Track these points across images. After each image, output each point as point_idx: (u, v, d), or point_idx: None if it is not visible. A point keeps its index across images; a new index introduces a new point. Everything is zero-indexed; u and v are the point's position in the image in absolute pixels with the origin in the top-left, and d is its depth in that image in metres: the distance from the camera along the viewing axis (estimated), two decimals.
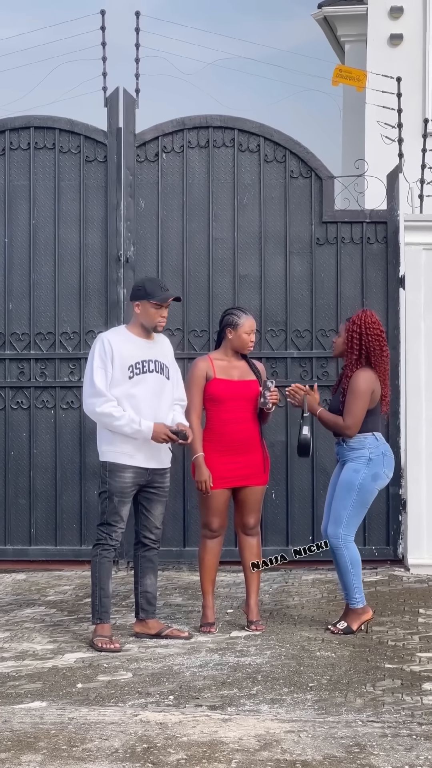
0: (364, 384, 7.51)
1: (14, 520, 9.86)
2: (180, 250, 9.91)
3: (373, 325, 7.56)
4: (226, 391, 7.69)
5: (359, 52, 15.71)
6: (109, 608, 7.39)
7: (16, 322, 9.93)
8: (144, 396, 7.31)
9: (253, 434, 7.73)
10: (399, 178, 9.84)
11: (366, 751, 5.37)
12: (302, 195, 9.92)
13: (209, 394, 7.71)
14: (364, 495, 7.56)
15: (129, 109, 9.92)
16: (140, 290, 7.39)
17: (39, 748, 5.46)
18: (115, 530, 7.35)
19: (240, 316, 7.76)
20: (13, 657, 7.12)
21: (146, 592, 7.50)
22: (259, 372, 7.84)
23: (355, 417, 7.51)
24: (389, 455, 7.67)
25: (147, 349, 7.41)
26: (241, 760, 5.27)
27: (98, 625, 7.34)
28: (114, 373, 7.25)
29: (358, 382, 7.51)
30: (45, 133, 10.00)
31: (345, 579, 7.57)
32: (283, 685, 6.41)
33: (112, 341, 7.31)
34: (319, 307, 9.87)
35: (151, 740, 5.54)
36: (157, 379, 7.40)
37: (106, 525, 7.35)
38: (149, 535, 7.49)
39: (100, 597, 7.35)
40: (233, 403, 7.70)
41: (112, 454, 7.33)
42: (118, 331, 7.53)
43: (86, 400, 7.33)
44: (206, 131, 9.96)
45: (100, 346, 7.31)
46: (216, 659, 6.97)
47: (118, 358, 7.27)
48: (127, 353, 7.31)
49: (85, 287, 9.89)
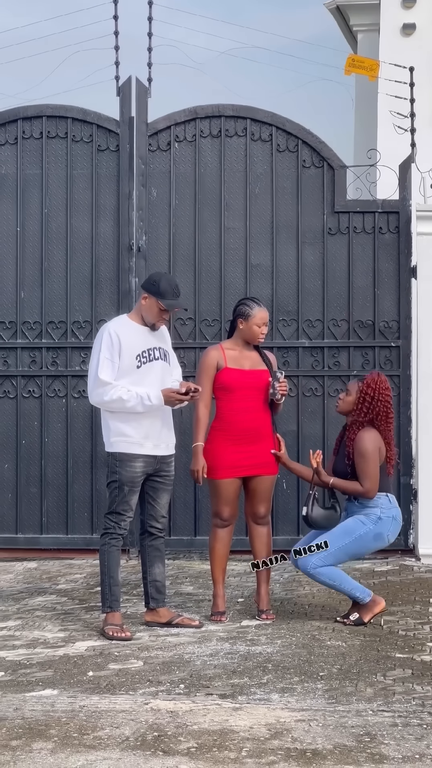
0: (372, 444, 7.47)
1: (26, 508, 9.88)
2: (192, 240, 9.91)
3: (385, 391, 7.56)
4: (236, 380, 7.70)
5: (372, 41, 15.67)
6: (119, 597, 7.40)
7: (28, 310, 9.94)
8: (152, 383, 7.33)
9: (263, 424, 7.73)
10: (411, 168, 9.83)
11: (376, 740, 5.38)
12: (314, 185, 9.91)
13: (220, 383, 7.72)
14: (358, 546, 7.49)
15: (141, 98, 9.91)
16: (154, 286, 7.35)
17: (50, 735, 5.48)
18: (124, 519, 7.37)
19: (252, 307, 7.75)
20: (24, 645, 7.14)
21: (155, 581, 7.51)
22: (270, 362, 7.84)
23: (372, 479, 7.48)
24: (398, 520, 7.61)
25: (151, 337, 7.43)
26: (252, 748, 5.28)
27: (108, 614, 7.35)
28: (122, 364, 7.27)
29: (366, 443, 7.47)
30: (57, 122, 10.00)
31: (338, 590, 7.57)
32: (293, 674, 6.41)
33: (119, 332, 7.31)
34: (331, 297, 9.87)
35: (161, 728, 5.55)
36: (162, 366, 7.44)
37: (116, 514, 7.36)
38: (156, 524, 7.50)
39: (110, 585, 7.35)
40: (244, 392, 7.70)
41: (122, 444, 7.34)
42: (122, 322, 7.50)
43: (93, 391, 7.34)
44: (218, 120, 9.95)
45: (107, 337, 7.31)
46: (227, 648, 6.98)
47: (126, 348, 7.28)
48: (134, 343, 7.33)
49: (97, 276, 9.90)
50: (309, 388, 9.79)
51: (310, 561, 7.45)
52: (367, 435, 7.50)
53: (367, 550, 7.58)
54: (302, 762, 5.11)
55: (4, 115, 10.04)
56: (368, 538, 7.49)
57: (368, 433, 7.50)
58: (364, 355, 9.80)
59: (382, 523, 7.50)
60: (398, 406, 9.75)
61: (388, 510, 7.54)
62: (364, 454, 7.47)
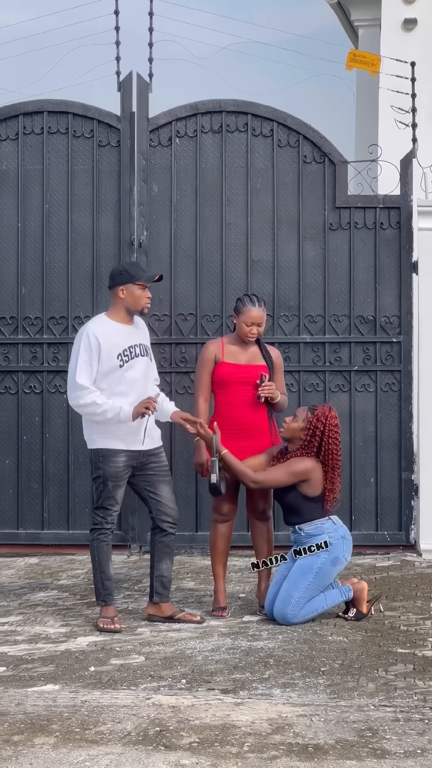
0: (302, 469, 7.42)
1: (27, 504, 9.88)
2: (193, 235, 9.91)
3: (335, 428, 7.49)
4: (231, 375, 7.70)
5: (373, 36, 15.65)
6: (111, 590, 7.47)
7: (29, 306, 9.94)
8: (135, 380, 7.39)
9: (260, 419, 7.72)
10: (412, 163, 9.82)
11: (378, 735, 5.38)
12: (315, 180, 9.90)
13: (215, 378, 7.74)
14: (321, 578, 7.42)
15: (142, 93, 9.90)
16: (123, 274, 7.43)
17: (52, 730, 5.48)
18: (111, 513, 7.41)
19: (245, 304, 7.75)
20: (26, 640, 7.14)
21: (162, 576, 7.51)
22: (271, 358, 7.83)
23: (267, 481, 7.47)
24: (348, 538, 7.56)
25: (131, 335, 7.46)
26: (254, 743, 5.28)
27: (103, 607, 7.44)
28: (101, 366, 7.30)
29: (299, 464, 7.43)
30: (58, 118, 9.99)
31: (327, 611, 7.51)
32: (295, 670, 6.42)
33: (98, 334, 7.33)
34: (332, 293, 9.86)
35: (163, 723, 5.56)
36: (144, 363, 7.48)
37: (102, 509, 7.41)
38: (167, 518, 7.49)
39: (101, 580, 7.43)
40: (239, 387, 7.69)
41: (104, 440, 7.39)
42: (100, 321, 7.49)
43: (70, 393, 7.40)
44: (219, 116, 9.94)
45: (86, 340, 7.33)
46: (228, 643, 6.98)
47: (105, 349, 7.31)
48: (114, 343, 7.35)
49: (98, 272, 9.89)
50: (310, 383, 9.79)
51: (287, 613, 7.33)
52: (307, 461, 7.44)
53: (331, 577, 7.50)
54: (304, 757, 5.12)
55: (5, 110, 10.04)
56: (327, 566, 7.43)
57: (309, 461, 7.44)
58: (365, 350, 9.80)
59: (334, 547, 7.45)
60: (399, 401, 9.76)
61: (335, 532, 7.50)
62: (290, 466, 7.43)
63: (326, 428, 7.47)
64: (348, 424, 9.60)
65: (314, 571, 7.39)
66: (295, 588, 7.36)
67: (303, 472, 7.42)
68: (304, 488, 7.46)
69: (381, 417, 9.78)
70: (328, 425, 7.47)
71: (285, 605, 7.35)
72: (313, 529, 7.48)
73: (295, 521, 7.53)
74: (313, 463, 7.45)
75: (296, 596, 7.34)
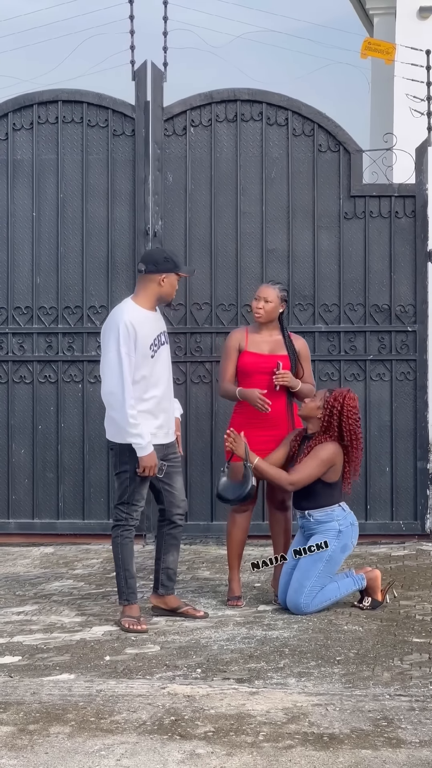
0: (330, 454, 7.42)
1: (42, 494, 9.89)
2: (208, 224, 9.90)
3: (353, 409, 7.48)
4: (252, 364, 7.70)
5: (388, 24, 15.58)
6: (135, 589, 7.28)
7: (44, 296, 9.94)
8: (163, 369, 7.26)
9: (280, 409, 7.71)
10: (428, 152, 9.79)
11: (393, 724, 5.38)
12: (330, 169, 9.88)
13: (239, 366, 7.73)
14: (331, 566, 7.42)
15: (157, 82, 9.89)
16: (168, 262, 7.18)
17: (67, 719, 5.49)
18: (137, 509, 7.25)
19: (259, 287, 7.84)
20: (41, 630, 7.15)
21: (168, 569, 7.45)
22: (295, 347, 7.80)
23: (303, 478, 7.42)
24: (355, 524, 7.56)
25: (158, 323, 7.30)
26: (269, 732, 5.29)
27: (126, 606, 7.25)
28: (137, 357, 7.07)
29: (326, 451, 7.42)
30: (73, 107, 9.99)
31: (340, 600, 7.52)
32: (310, 659, 6.42)
33: (135, 324, 7.07)
34: (347, 282, 9.84)
35: (178, 713, 5.56)
36: (167, 351, 7.35)
37: (128, 504, 7.23)
38: (178, 510, 7.41)
39: (125, 578, 7.24)
40: (260, 376, 7.68)
41: None
42: (133, 309, 7.18)
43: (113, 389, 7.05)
44: (234, 105, 9.92)
45: (124, 330, 7.02)
46: (243, 633, 6.98)
47: (141, 339, 7.10)
48: (148, 332, 7.15)
49: (112, 261, 9.89)
50: (325, 372, 9.78)
51: (301, 603, 7.34)
52: (331, 445, 7.43)
53: (339, 564, 7.51)
54: (319, 746, 5.12)
55: (20, 100, 10.04)
56: (337, 554, 7.43)
57: (334, 445, 7.44)
58: (380, 339, 9.78)
59: (344, 534, 7.45)
60: (414, 390, 9.74)
61: (344, 519, 7.49)
62: (317, 456, 7.41)
63: (343, 408, 7.45)
64: (363, 413, 9.58)
65: (324, 560, 7.38)
66: (306, 577, 7.36)
67: (330, 458, 7.41)
68: (326, 473, 7.45)
69: (396, 406, 9.76)
70: (345, 405, 7.45)
71: (298, 595, 7.35)
72: (323, 516, 7.47)
73: (307, 506, 7.52)
74: (337, 446, 7.45)
75: (308, 585, 7.34)
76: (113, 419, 7.18)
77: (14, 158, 10.00)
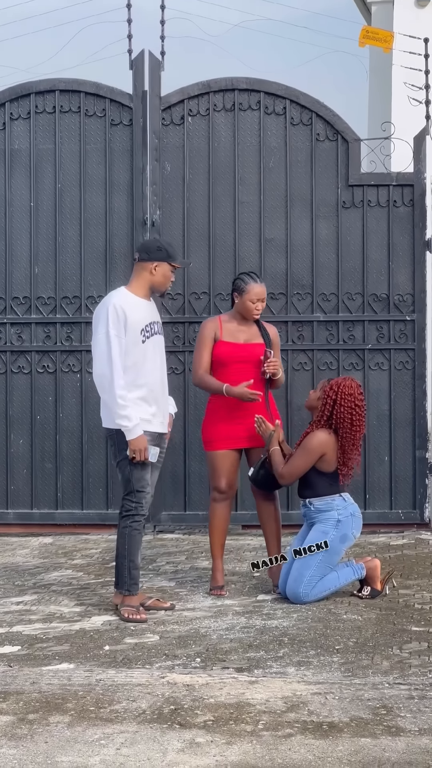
0: (317, 444, 7.40)
1: (41, 484, 9.89)
2: (206, 214, 9.89)
3: (349, 397, 7.44)
4: (229, 353, 7.66)
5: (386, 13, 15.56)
6: (137, 580, 7.23)
7: (42, 286, 9.94)
8: (154, 358, 7.21)
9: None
10: (426, 141, 9.79)
11: (393, 713, 5.39)
12: (328, 158, 9.87)
13: (214, 357, 7.68)
14: (330, 556, 7.40)
15: (154, 72, 9.87)
16: (161, 251, 7.17)
17: (67, 709, 5.50)
18: (145, 497, 7.17)
19: (247, 282, 7.70)
20: (40, 619, 7.16)
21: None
22: (269, 335, 7.79)
23: (292, 470, 7.44)
24: (357, 515, 7.55)
25: (151, 311, 7.26)
26: (268, 721, 5.29)
27: (127, 597, 7.20)
28: (127, 341, 7.04)
29: (312, 440, 7.41)
30: (70, 97, 9.97)
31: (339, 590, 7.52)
32: (309, 648, 6.42)
33: (124, 307, 7.07)
34: (346, 271, 9.84)
35: (178, 702, 5.57)
36: (161, 341, 7.31)
37: (135, 493, 7.14)
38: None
39: (129, 569, 7.18)
40: (237, 366, 7.65)
41: None
42: (123, 294, 7.19)
43: (103, 371, 7.04)
44: (232, 94, 9.91)
45: (113, 312, 7.03)
46: (242, 622, 6.99)
47: (132, 323, 7.07)
48: (139, 317, 7.12)
49: (110, 251, 9.88)
50: (324, 361, 9.78)
51: (300, 593, 7.34)
52: (319, 434, 7.42)
53: (340, 554, 7.50)
54: (318, 735, 5.12)
55: (17, 89, 10.02)
56: (336, 543, 7.42)
57: (322, 434, 7.42)
58: (378, 328, 9.78)
59: (343, 524, 7.44)
60: (413, 379, 9.75)
61: (344, 509, 7.48)
62: (305, 447, 7.42)
63: (338, 396, 7.43)
64: None
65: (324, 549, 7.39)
66: (306, 567, 7.36)
67: (318, 447, 7.39)
68: (318, 463, 7.44)
69: (395, 395, 9.76)
70: (341, 394, 7.43)
71: (297, 584, 7.35)
72: (323, 505, 7.46)
73: (307, 494, 7.52)
74: (326, 435, 7.43)
75: (308, 575, 7.34)
76: (106, 403, 7.15)
77: (12, 148, 9.98)
